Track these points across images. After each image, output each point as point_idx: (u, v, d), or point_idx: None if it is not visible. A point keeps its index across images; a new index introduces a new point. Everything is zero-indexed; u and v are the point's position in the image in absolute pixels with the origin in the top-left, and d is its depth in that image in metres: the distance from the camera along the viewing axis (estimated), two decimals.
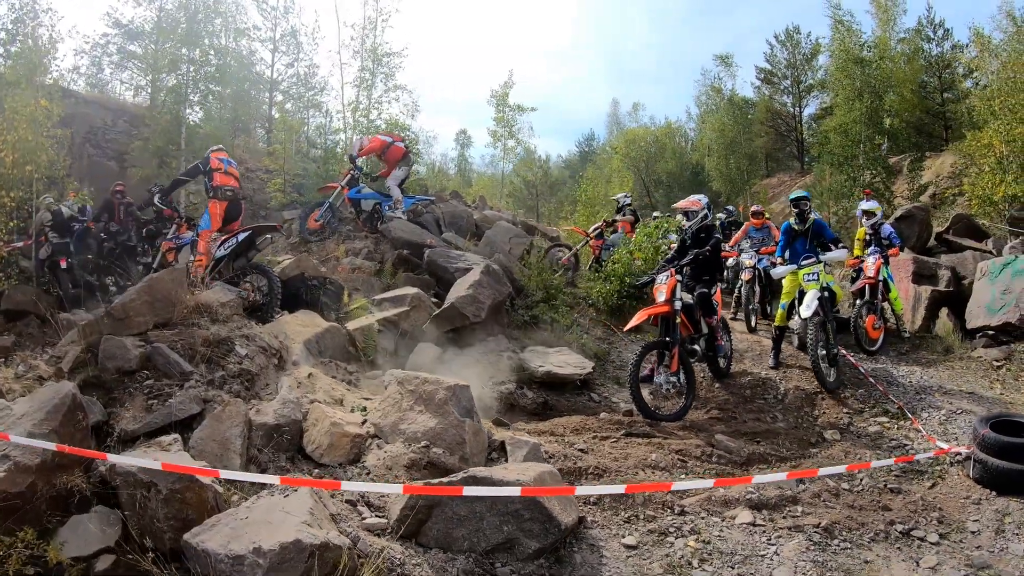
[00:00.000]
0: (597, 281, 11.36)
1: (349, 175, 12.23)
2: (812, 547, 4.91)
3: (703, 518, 5.30)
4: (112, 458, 4.57)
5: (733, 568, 4.62)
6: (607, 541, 4.88)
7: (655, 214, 14.70)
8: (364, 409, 6.54)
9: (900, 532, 5.23)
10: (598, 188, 17.47)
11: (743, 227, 12.68)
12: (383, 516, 4.79)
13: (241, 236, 8.87)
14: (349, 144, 15.81)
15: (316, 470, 5.60)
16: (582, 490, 4.97)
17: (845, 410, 8.15)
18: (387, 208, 12.03)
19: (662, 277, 8.02)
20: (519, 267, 10.72)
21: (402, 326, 8.54)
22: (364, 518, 4.75)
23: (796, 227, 9.17)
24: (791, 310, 9.27)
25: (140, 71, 17.08)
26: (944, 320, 11.14)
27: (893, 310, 10.88)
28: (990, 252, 13.23)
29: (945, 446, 6.76)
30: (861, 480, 6.19)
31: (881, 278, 10.31)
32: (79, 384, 6.29)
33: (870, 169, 19.21)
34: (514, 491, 4.34)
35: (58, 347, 7.81)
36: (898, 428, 7.68)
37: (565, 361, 8.57)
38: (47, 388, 5.48)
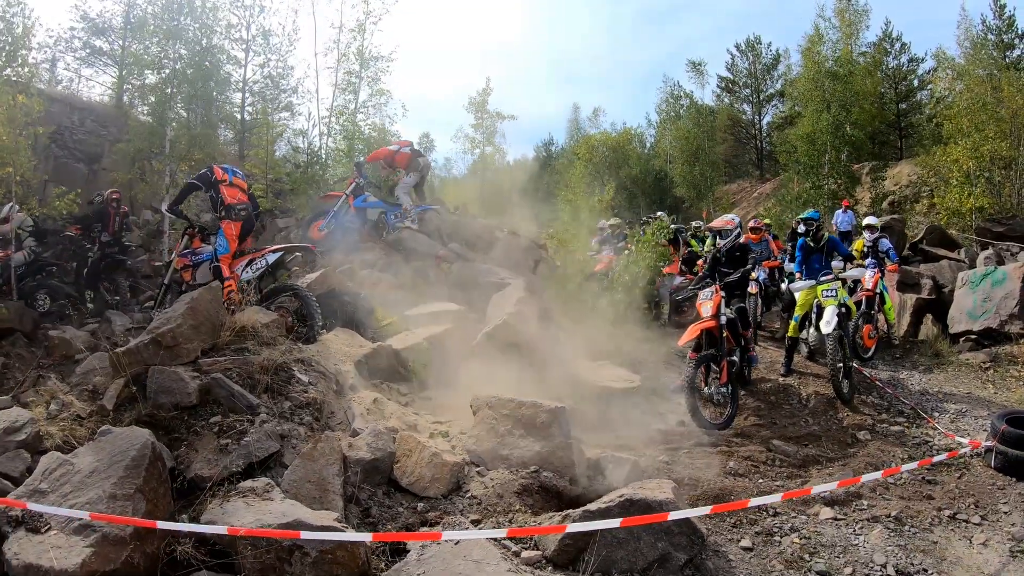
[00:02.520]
0: (610, 291, 10.88)
1: (354, 183, 11.28)
2: (891, 534, 5.21)
3: (794, 517, 5.46)
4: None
5: (840, 558, 4.86)
6: (726, 546, 4.94)
7: (659, 213, 14.28)
8: (446, 435, 6.09)
9: (948, 516, 5.61)
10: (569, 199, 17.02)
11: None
12: (535, 548, 4.47)
13: (271, 257, 7.98)
14: (336, 151, 14.85)
15: (419, 503, 5.06)
16: (755, 501, 4.99)
17: (865, 412, 8.30)
18: (392, 217, 11.14)
19: (706, 293, 7.93)
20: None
21: (447, 343, 7.78)
22: (517, 552, 4.42)
23: (812, 244, 9.20)
24: (804, 322, 9.36)
25: (108, 68, 15.44)
26: (928, 326, 11.56)
27: (886, 319, 11.15)
28: (962, 261, 13.82)
29: (965, 440, 7.10)
30: (901, 475, 6.41)
31: (878, 291, 10.50)
32: (130, 423, 5.34)
33: (834, 178, 19.48)
34: (686, 512, 4.37)
35: (79, 375, 6.72)
36: (916, 427, 7.90)
37: (615, 375, 8.30)
38: (115, 437, 4.57)
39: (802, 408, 8.42)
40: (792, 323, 9.49)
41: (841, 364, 8.33)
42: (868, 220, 11.53)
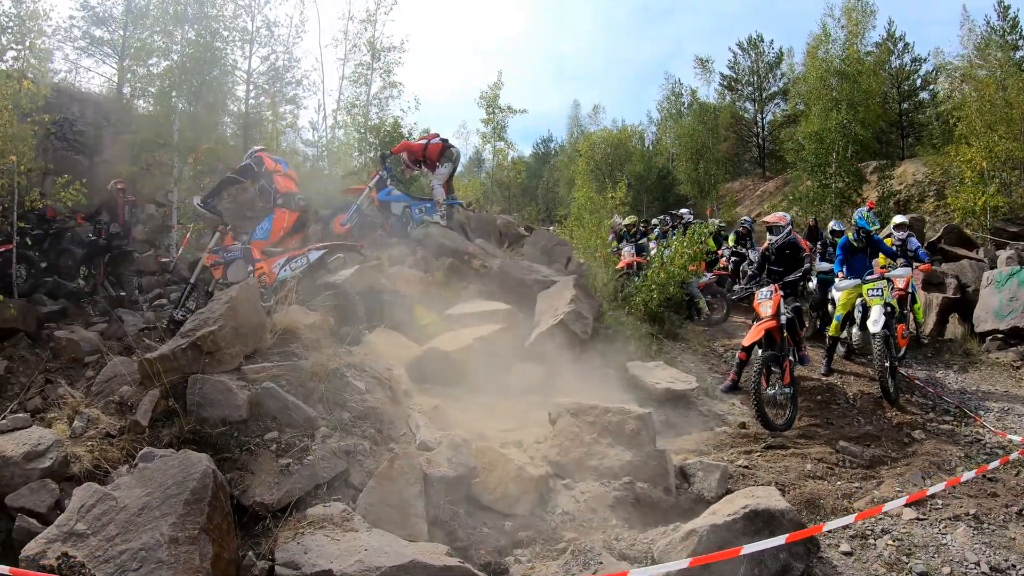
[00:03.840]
0: (641, 290, 10.16)
1: (377, 176, 10.38)
2: (975, 532, 5.06)
3: (881, 519, 5.23)
4: None
5: (935, 558, 4.75)
6: (827, 551, 4.75)
7: (682, 211, 13.62)
8: (519, 444, 5.54)
9: (1017, 512, 5.44)
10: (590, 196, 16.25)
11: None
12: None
13: (313, 256, 7.10)
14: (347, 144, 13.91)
15: (506, 522, 4.55)
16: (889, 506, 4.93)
17: (913, 411, 8.07)
18: (417, 212, 10.26)
19: (765, 292, 7.63)
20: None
21: (498, 345, 6.98)
22: None
23: (854, 244, 8.96)
24: (845, 322, 9.15)
25: (109, 59, 14.27)
26: (955, 325, 11.42)
27: (915, 319, 10.95)
28: (981, 260, 13.62)
29: (1017, 439, 7.08)
30: (960, 472, 6.25)
31: (909, 290, 10.26)
32: (171, 442, 4.48)
33: (841, 176, 18.97)
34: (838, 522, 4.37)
35: (99, 383, 5.80)
36: (965, 425, 7.71)
37: (673, 376, 7.75)
38: (165, 464, 3.76)
39: (851, 407, 8.11)
40: (834, 322, 9.22)
41: (888, 364, 8.01)
42: (898, 219, 11.18)
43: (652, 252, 12.63)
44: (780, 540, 3.87)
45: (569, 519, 4.64)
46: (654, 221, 13.75)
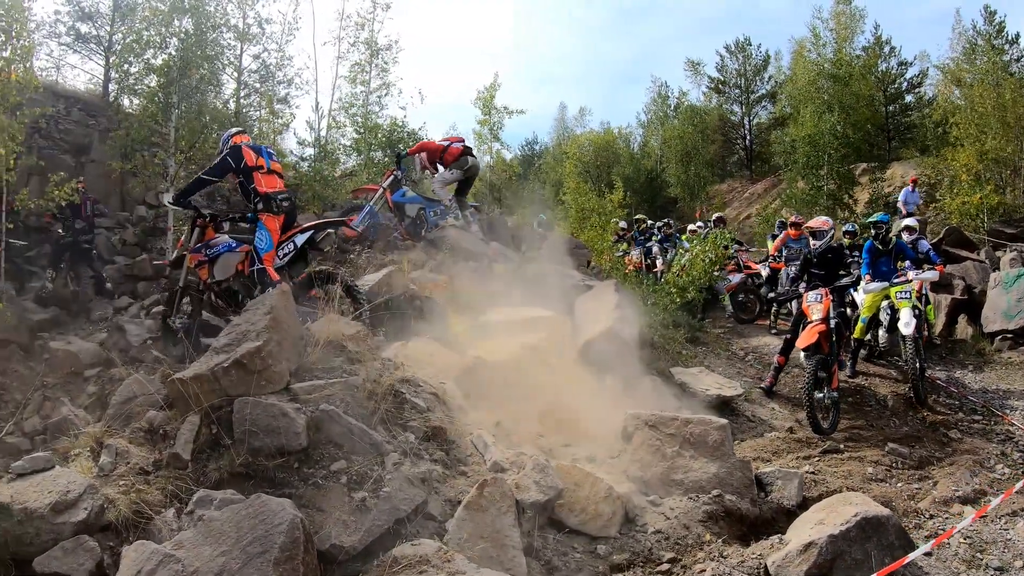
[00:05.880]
0: (662, 294, 9.72)
1: (391, 176, 9.64)
2: None
3: (947, 519, 5.21)
4: None
5: (1007, 553, 4.68)
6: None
7: (698, 225, 13.25)
8: (592, 459, 5.05)
9: None
10: (582, 197, 15.73)
11: (780, 237, 11.72)
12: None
13: (299, 239, 6.27)
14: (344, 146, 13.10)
15: (598, 545, 4.10)
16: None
17: (943, 411, 7.99)
18: (432, 214, 9.58)
19: (815, 296, 7.37)
20: None
21: (544, 353, 6.36)
22: None
23: (880, 247, 8.82)
24: (871, 324, 9.04)
25: (95, 56, 13.25)
26: (963, 325, 11.39)
27: (927, 320, 10.61)
28: (982, 262, 13.62)
29: None
30: (1004, 472, 6.29)
31: (924, 292, 9.97)
32: (221, 478, 3.75)
33: (833, 178, 18.77)
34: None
35: (116, 405, 4.97)
36: (995, 423, 7.66)
37: (719, 382, 7.53)
38: (237, 514, 3.05)
39: (883, 409, 7.95)
40: (859, 324, 8.98)
41: (919, 365, 7.93)
42: (908, 222, 10.93)
43: (656, 255, 12.28)
44: (926, 547, 3.82)
45: (663, 538, 4.28)
46: (658, 224, 13.30)
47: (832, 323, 7.16)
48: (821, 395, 6.89)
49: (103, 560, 3.16)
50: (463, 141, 9.95)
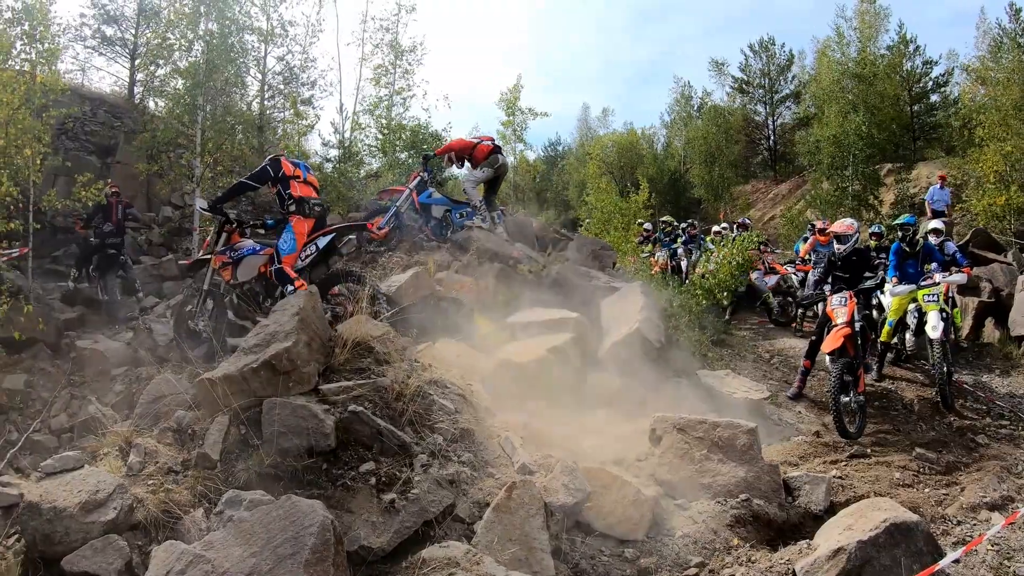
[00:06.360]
0: (688, 296, 9.61)
1: (418, 177, 9.59)
2: None
3: (974, 525, 5.12)
4: None
5: None
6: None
7: (722, 227, 13.10)
8: (619, 462, 5.01)
9: None
10: (606, 197, 15.60)
11: (810, 241, 11.62)
12: None
13: (321, 242, 6.38)
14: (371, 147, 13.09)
15: (625, 549, 4.07)
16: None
17: (969, 415, 7.83)
18: (457, 216, 9.50)
19: (839, 299, 7.27)
20: None
21: (570, 355, 6.27)
22: None
23: (907, 249, 8.66)
24: (897, 328, 8.85)
25: (120, 58, 13.39)
26: (990, 328, 11.12)
27: (953, 323, 10.39)
28: (1010, 264, 13.36)
29: None
30: None
31: (950, 295, 9.77)
32: (250, 478, 3.72)
33: (859, 179, 18.45)
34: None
35: (143, 404, 4.98)
36: (1023, 429, 7.50)
37: (746, 385, 7.38)
38: (267, 515, 3.02)
39: (910, 413, 7.81)
40: (886, 327, 8.84)
41: (945, 369, 7.77)
42: (934, 224, 10.63)
43: (681, 256, 12.17)
44: (956, 555, 3.72)
45: (691, 542, 4.25)
46: (683, 225, 13.16)
47: (857, 326, 7.06)
48: (847, 399, 6.79)
49: (132, 559, 3.15)
50: (492, 140, 9.83)
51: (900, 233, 8.75)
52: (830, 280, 7.67)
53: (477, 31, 79.74)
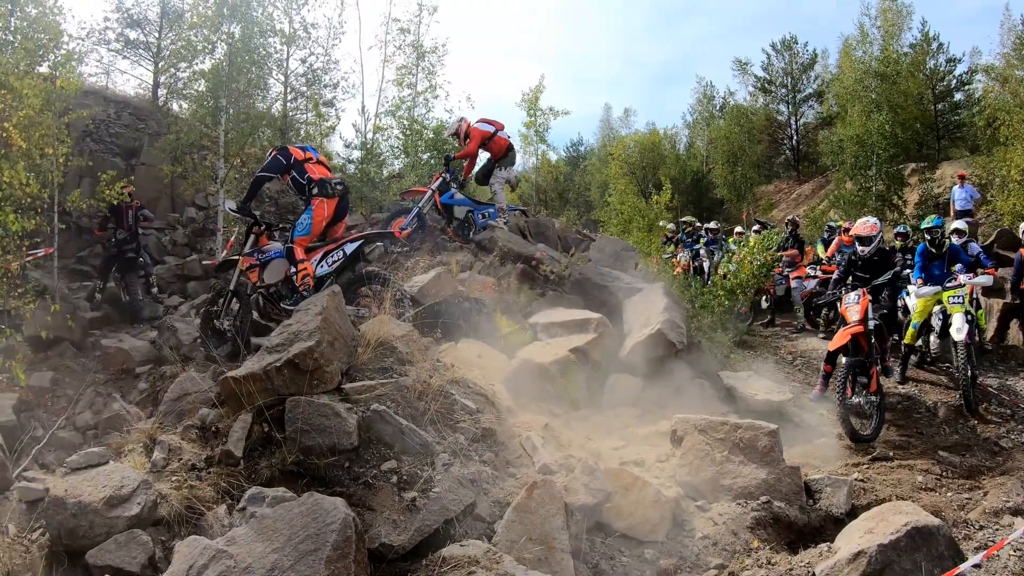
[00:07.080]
0: (710, 296, 9.52)
1: (440, 178, 9.59)
2: None
3: (996, 530, 5.00)
4: None
5: None
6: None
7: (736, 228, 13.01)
8: (640, 464, 5.04)
9: None
10: (627, 199, 15.52)
11: (835, 242, 11.42)
12: None
13: (349, 248, 6.40)
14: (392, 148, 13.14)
15: (645, 550, 4.06)
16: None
17: (993, 420, 7.71)
18: (480, 217, 9.49)
19: (853, 297, 7.16)
20: None
21: (592, 356, 6.22)
22: None
23: (933, 250, 8.62)
24: (922, 329, 8.74)
25: (144, 61, 13.58)
26: (1015, 331, 10.84)
27: (978, 325, 10.24)
28: None
29: None
30: None
31: (974, 296, 9.58)
32: (272, 475, 3.71)
33: (882, 179, 18.18)
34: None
35: (168, 402, 5.02)
36: None
37: (768, 387, 7.26)
38: (289, 511, 3.01)
39: (933, 417, 7.76)
40: (910, 330, 8.74)
41: (970, 373, 7.65)
42: (957, 224, 10.59)
43: (703, 257, 12.07)
44: (977, 559, 3.70)
45: (711, 543, 4.22)
46: (706, 226, 13.07)
47: (871, 324, 6.93)
48: (858, 400, 6.68)
49: (155, 554, 3.17)
50: (503, 128, 9.80)
51: (928, 237, 8.63)
52: (849, 281, 7.53)
53: (498, 31, 79.89)
